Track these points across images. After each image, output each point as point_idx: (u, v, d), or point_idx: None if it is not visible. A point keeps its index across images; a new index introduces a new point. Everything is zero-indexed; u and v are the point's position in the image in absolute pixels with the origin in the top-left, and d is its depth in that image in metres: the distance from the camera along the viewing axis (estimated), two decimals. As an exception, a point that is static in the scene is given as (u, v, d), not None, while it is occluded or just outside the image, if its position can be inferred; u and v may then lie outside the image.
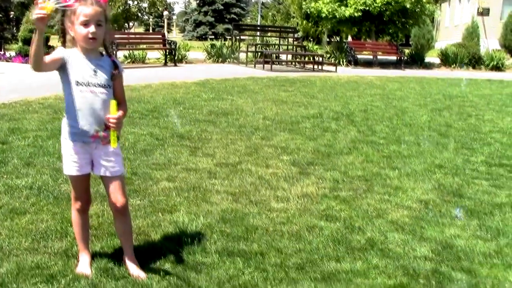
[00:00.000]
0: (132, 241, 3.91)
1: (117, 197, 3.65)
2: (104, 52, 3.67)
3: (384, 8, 24.90)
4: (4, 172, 5.85)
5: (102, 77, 3.52)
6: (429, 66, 26.81)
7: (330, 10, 25.50)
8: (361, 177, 6.42)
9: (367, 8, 24.90)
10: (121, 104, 3.64)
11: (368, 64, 25.72)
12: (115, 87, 3.63)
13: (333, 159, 7.23)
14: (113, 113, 3.43)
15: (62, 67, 3.47)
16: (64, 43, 3.55)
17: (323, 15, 25.85)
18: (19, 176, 5.72)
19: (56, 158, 6.34)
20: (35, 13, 3.09)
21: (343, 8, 25.26)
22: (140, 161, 6.60)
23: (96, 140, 3.56)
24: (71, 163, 3.61)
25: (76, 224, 3.79)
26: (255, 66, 21.97)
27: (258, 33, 28.94)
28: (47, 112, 9.26)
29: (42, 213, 4.71)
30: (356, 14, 24.95)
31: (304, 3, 28.37)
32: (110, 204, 3.72)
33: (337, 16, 25.42)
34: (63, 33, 3.54)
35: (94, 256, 3.88)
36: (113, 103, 3.45)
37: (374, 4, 24.73)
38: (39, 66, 3.31)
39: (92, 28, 3.39)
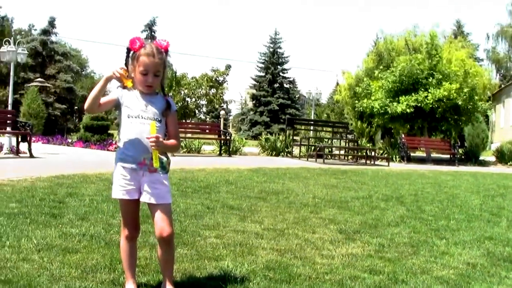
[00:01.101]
0: (172, 271, 4.05)
1: (163, 226, 3.82)
2: (158, 92, 4.03)
3: (436, 105, 25.10)
4: (60, 223, 6.17)
5: (152, 112, 3.90)
6: (484, 163, 26.64)
7: (382, 105, 25.84)
8: (407, 243, 6.45)
9: (419, 104, 25.13)
10: (173, 138, 4.00)
11: (421, 160, 25.71)
12: (168, 123, 3.98)
13: (380, 229, 7.28)
14: (152, 133, 3.73)
15: (117, 106, 3.95)
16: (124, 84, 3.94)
17: (375, 110, 26.19)
18: (73, 226, 6.04)
19: (110, 216, 6.63)
20: (116, 71, 3.77)
21: (395, 104, 25.56)
22: (190, 222, 6.80)
23: (143, 167, 3.84)
24: (118, 187, 3.91)
25: (124, 251, 3.97)
26: (307, 159, 22.25)
27: (311, 128, 29.39)
28: (103, 184, 9.61)
29: (92, 253, 4.94)
30: (408, 110, 25.18)
31: (357, 102, 28.83)
32: (156, 232, 3.88)
33: (389, 112, 25.71)
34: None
35: (139, 286, 4.04)
36: (152, 124, 3.77)
37: (426, 100, 24.96)
38: (93, 108, 3.85)
39: (149, 78, 3.83)
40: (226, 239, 6.00)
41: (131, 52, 3.86)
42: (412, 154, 26.78)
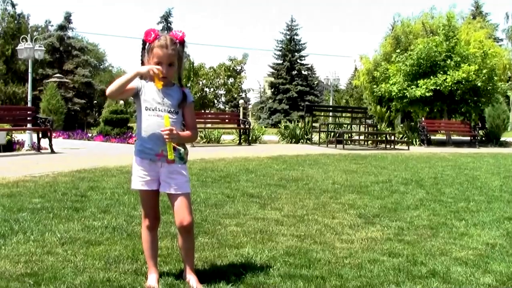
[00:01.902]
0: (193, 258, 4.13)
1: (183, 215, 3.90)
2: (175, 83, 4.07)
3: (455, 87, 24.96)
4: (82, 216, 6.29)
5: (169, 104, 3.95)
6: (505, 144, 26.54)
7: (400, 89, 25.77)
8: (427, 226, 6.48)
9: (438, 87, 25.01)
10: (190, 129, 4.07)
11: (441, 143, 25.63)
12: (185, 114, 4.05)
13: (400, 213, 7.31)
14: (166, 126, 3.80)
15: (136, 95, 3.97)
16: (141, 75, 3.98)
17: (394, 94, 26.12)
18: (95, 219, 6.15)
19: (131, 208, 6.75)
20: (152, 69, 3.77)
21: (413, 88, 25.47)
22: (210, 211, 6.89)
23: (161, 159, 3.89)
24: (137, 178, 3.99)
25: (145, 241, 4.06)
26: (327, 145, 22.27)
27: (330, 114, 29.39)
28: (124, 177, 9.71)
29: (115, 244, 5.04)
30: (427, 94, 25.07)
31: (375, 87, 28.74)
32: (176, 221, 3.95)
33: (408, 96, 25.63)
34: (142, 65, 3.99)
35: (161, 275, 4.12)
36: (165, 117, 3.83)
37: (445, 83, 24.83)
38: (116, 94, 3.92)
39: (163, 69, 3.83)
40: (246, 226, 6.07)
41: (147, 44, 3.92)
42: (432, 137, 26.69)
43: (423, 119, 26.16)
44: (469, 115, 28.42)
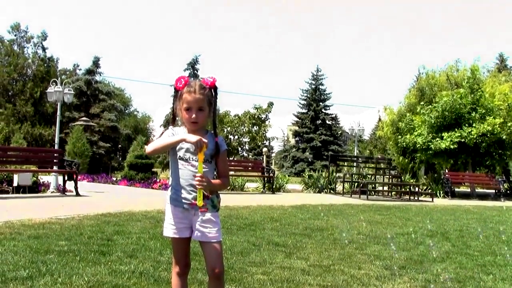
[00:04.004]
0: None
1: (215, 263, 3.86)
2: (209, 130, 4.07)
3: (480, 140, 24.92)
4: (109, 260, 6.31)
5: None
6: (532, 198, 26.27)
7: (424, 141, 25.76)
8: (454, 279, 6.41)
9: (463, 140, 24.97)
10: (222, 177, 4.03)
11: (465, 196, 25.46)
12: (217, 162, 4.01)
13: (426, 265, 7.26)
14: (199, 172, 3.77)
15: (172, 147, 3.97)
16: (173, 122, 4.07)
17: (418, 146, 26.10)
18: (122, 264, 6.17)
19: (157, 254, 6.77)
20: (202, 141, 3.73)
21: (438, 140, 25.44)
22: (237, 259, 6.88)
23: (194, 207, 3.86)
24: (169, 226, 3.98)
25: (175, 287, 4.06)
26: (351, 195, 22.22)
27: (354, 164, 29.37)
28: (149, 222, 9.77)
29: (143, 289, 5.03)
30: (452, 147, 25.03)
31: (399, 138, 28.74)
32: (208, 269, 3.95)
33: (433, 148, 25.59)
34: (173, 115, 4.07)
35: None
36: (199, 163, 3.79)
37: (470, 136, 24.79)
38: (156, 153, 3.99)
39: (193, 114, 3.86)
40: (273, 275, 6.05)
41: (178, 92, 3.95)
42: (456, 189, 26.55)
43: (447, 170, 26.05)
44: (494, 168, 28.26)
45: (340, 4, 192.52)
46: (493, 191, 26.46)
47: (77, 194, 16.22)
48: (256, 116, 50.19)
